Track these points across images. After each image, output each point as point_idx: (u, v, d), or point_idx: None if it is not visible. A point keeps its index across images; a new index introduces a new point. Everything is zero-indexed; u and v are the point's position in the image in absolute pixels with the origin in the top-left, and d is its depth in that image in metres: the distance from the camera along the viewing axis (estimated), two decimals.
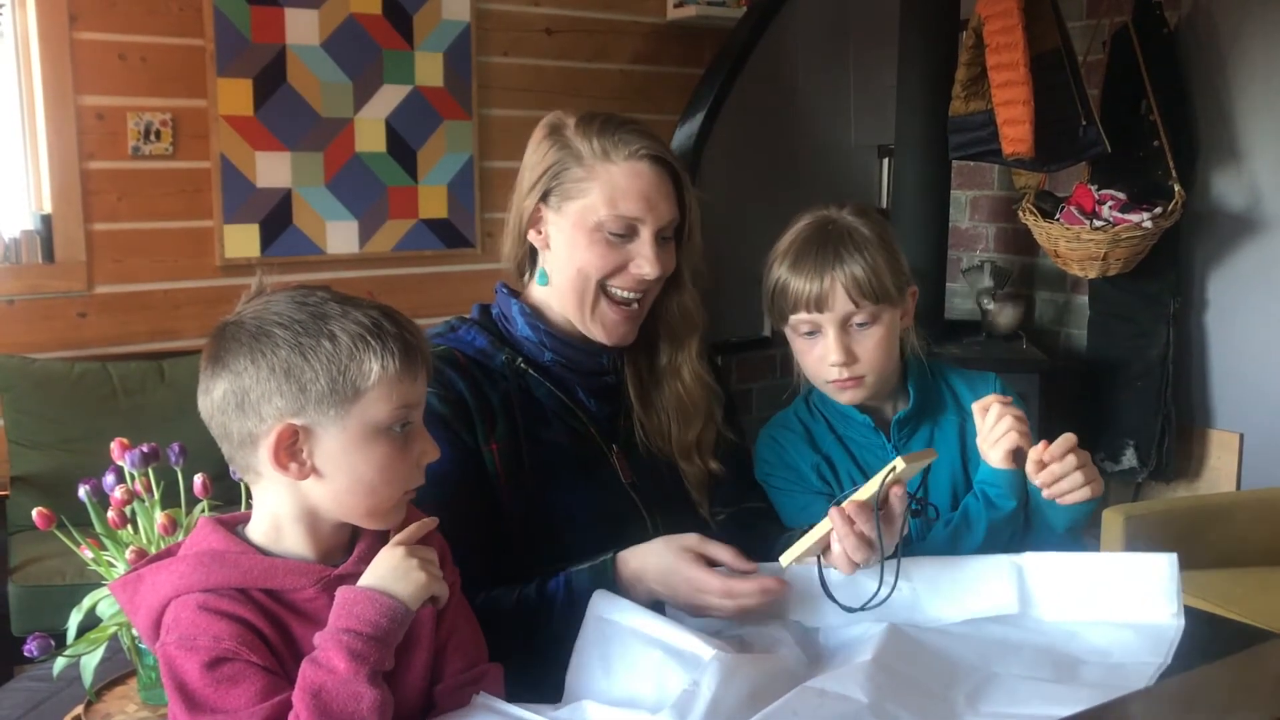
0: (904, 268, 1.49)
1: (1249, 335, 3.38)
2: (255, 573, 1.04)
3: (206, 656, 0.99)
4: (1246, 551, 2.73)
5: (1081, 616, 1.22)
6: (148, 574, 1.06)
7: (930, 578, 1.26)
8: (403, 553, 1.06)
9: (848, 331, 1.46)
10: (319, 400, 1.02)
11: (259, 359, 1.02)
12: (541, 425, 1.41)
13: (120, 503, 1.40)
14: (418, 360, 1.07)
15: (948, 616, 1.24)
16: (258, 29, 3.52)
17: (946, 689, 1.10)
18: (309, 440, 1.03)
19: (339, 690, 0.98)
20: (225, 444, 1.07)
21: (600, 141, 1.39)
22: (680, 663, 1.10)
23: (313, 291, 1.07)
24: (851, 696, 1.04)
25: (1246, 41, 3.29)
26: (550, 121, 1.44)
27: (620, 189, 1.38)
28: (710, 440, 1.51)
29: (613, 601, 1.20)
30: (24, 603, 2.73)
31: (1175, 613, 1.18)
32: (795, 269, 1.46)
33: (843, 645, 1.21)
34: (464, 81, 3.91)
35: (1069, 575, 1.24)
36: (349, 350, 1.03)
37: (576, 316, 1.44)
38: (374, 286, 3.70)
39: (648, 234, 1.39)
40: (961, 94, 3.23)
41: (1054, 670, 1.14)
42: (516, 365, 1.42)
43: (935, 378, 1.56)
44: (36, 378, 3.12)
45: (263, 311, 1.05)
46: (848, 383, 1.47)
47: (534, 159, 1.43)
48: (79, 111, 3.30)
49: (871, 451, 1.51)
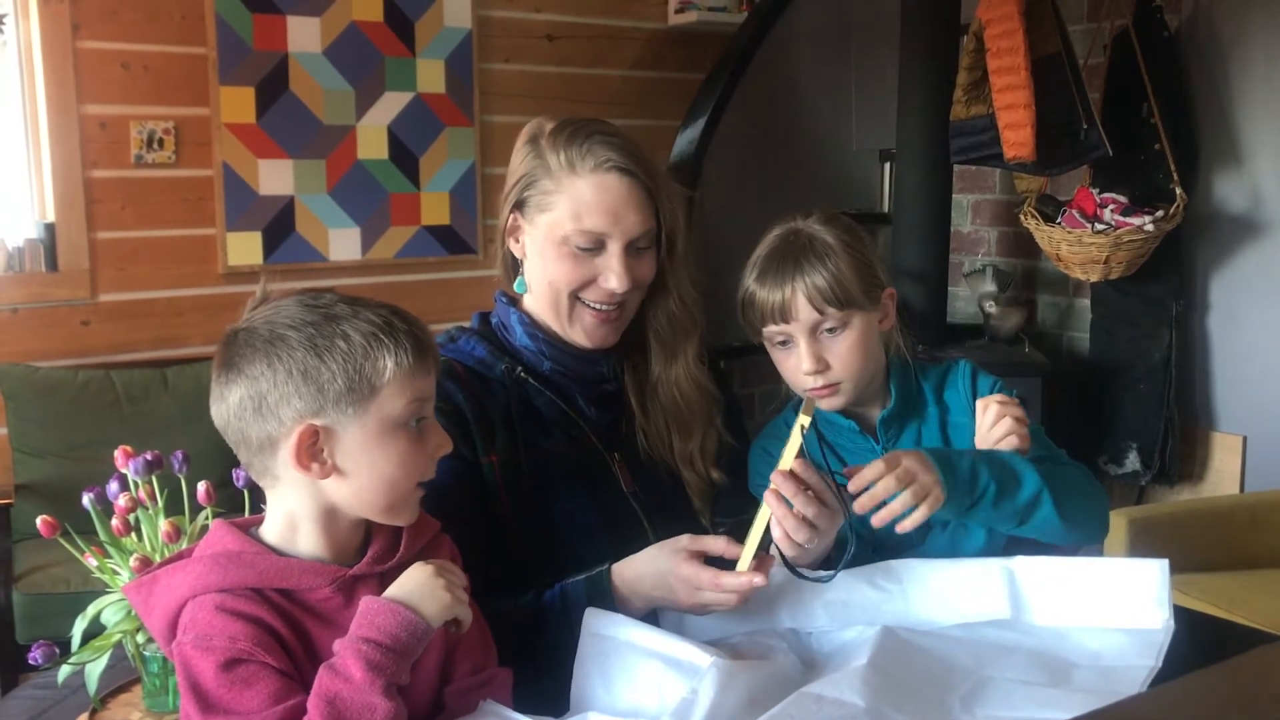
0: (876, 271, 1.48)
1: (1251, 337, 3.38)
2: (271, 573, 1.05)
3: (222, 657, 1.00)
4: (1250, 554, 2.73)
5: (1072, 621, 1.22)
6: (163, 575, 1.07)
7: (921, 579, 1.27)
8: (432, 571, 1.07)
9: (818, 339, 1.45)
10: (337, 399, 1.04)
11: (275, 363, 1.04)
12: (541, 434, 1.41)
13: (124, 510, 1.40)
14: (428, 354, 1.10)
15: (939, 619, 1.24)
16: (260, 37, 3.53)
17: (942, 693, 1.10)
18: (329, 439, 1.05)
19: (353, 699, 0.98)
20: (243, 449, 1.08)
21: (567, 153, 1.38)
22: (679, 671, 1.11)
23: (320, 294, 1.09)
24: (848, 701, 1.05)
25: (1247, 44, 3.29)
26: (531, 129, 1.45)
27: (586, 203, 1.37)
28: (711, 448, 1.50)
29: (605, 618, 1.20)
30: (28, 610, 2.74)
31: (1166, 619, 1.18)
32: (760, 281, 1.46)
33: (837, 649, 1.22)
34: (466, 88, 3.91)
35: (1060, 580, 1.24)
36: (363, 348, 1.05)
37: (555, 325, 1.45)
38: (377, 293, 3.67)
39: (615, 247, 1.39)
40: (963, 98, 3.23)
41: (1047, 674, 1.14)
42: (516, 375, 1.42)
43: (916, 376, 1.56)
44: (40, 386, 3.13)
45: (273, 316, 1.06)
46: (823, 390, 1.47)
47: (513, 166, 1.45)
48: (82, 120, 3.31)
49: (861, 456, 1.51)
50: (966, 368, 1.55)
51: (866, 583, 1.27)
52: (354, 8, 3.68)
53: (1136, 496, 3.57)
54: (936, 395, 1.54)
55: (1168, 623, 1.18)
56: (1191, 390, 3.49)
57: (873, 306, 1.48)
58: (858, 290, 1.45)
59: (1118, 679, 1.11)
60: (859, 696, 1.05)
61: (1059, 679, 1.13)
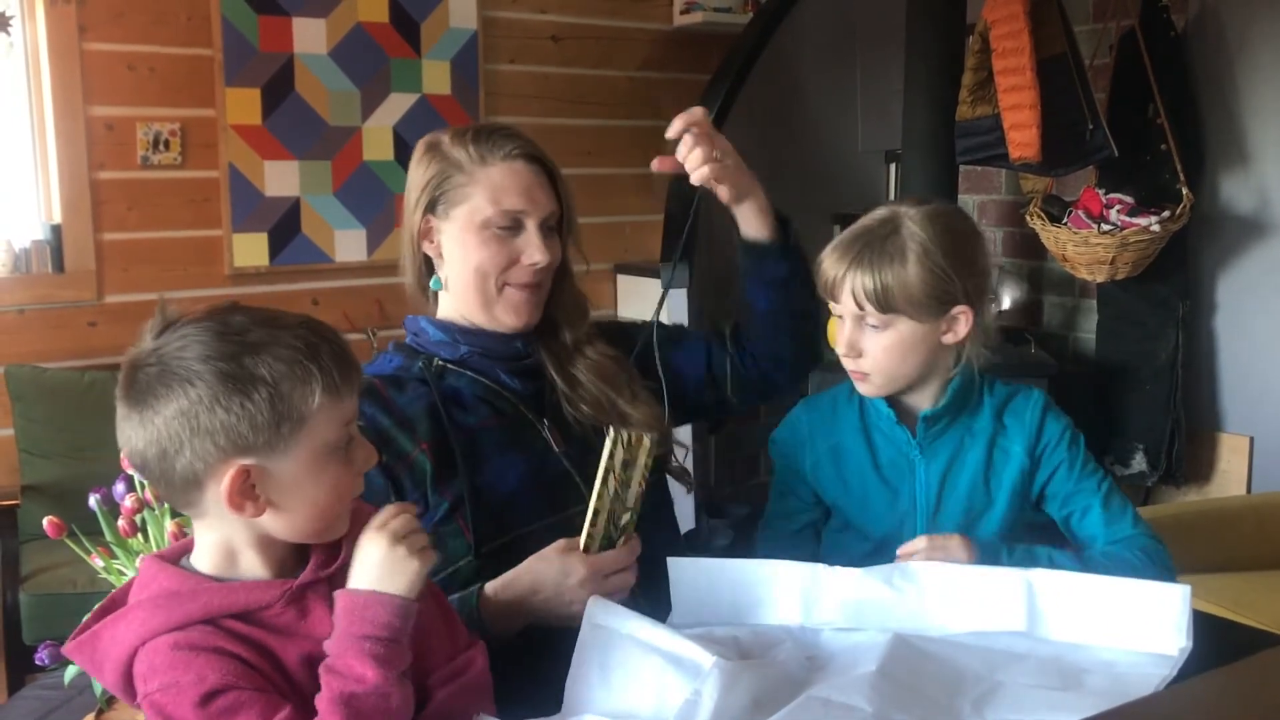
0: (952, 286, 1.43)
1: (1258, 338, 3.37)
2: (217, 602, 1.01)
3: (196, 694, 0.96)
4: (1257, 555, 2.72)
5: (1088, 640, 1.20)
6: (102, 629, 1.02)
7: (939, 584, 1.26)
8: (388, 542, 1.03)
9: (860, 327, 1.46)
10: (266, 434, 0.99)
11: (195, 403, 0.98)
12: (466, 413, 1.48)
13: (131, 511, 1.40)
14: (352, 371, 1.05)
15: (952, 626, 1.23)
16: (265, 38, 3.53)
17: (952, 697, 1.09)
18: (260, 477, 1.01)
19: (369, 695, 0.98)
20: (162, 485, 1.04)
21: (476, 148, 1.49)
22: (680, 671, 1.10)
23: (229, 317, 1.03)
24: (856, 706, 1.04)
25: (1254, 44, 3.28)
26: (427, 140, 1.55)
27: (501, 186, 1.48)
28: (641, 391, 1.56)
29: (608, 608, 1.20)
30: (35, 611, 2.74)
31: (1183, 646, 1.16)
32: (830, 252, 1.48)
33: (846, 650, 1.21)
34: (471, 89, 3.91)
35: (1079, 597, 1.22)
36: (288, 378, 1.00)
37: (481, 313, 1.52)
38: (382, 294, 3.71)
39: (532, 224, 1.50)
40: (968, 99, 3.22)
41: (1060, 679, 1.13)
42: (434, 367, 1.49)
43: (980, 386, 1.52)
44: (47, 387, 3.14)
45: (183, 350, 1.00)
46: (855, 374, 1.48)
47: (416, 176, 1.54)
48: (88, 122, 3.31)
49: (895, 446, 1.51)
50: (1040, 400, 1.52)
51: (883, 582, 1.26)
52: (359, 9, 3.68)
53: (1143, 497, 3.57)
54: (996, 413, 1.51)
55: (1184, 650, 1.15)
56: (1198, 391, 3.48)
57: (928, 318, 1.44)
58: (913, 301, 1.42)
59: (1130, 685, 1.10)
60: (866, 701, 1.04)
61: (1071, 683, 1.12)
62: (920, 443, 1.50)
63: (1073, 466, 1.49)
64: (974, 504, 1.49)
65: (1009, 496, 1.49)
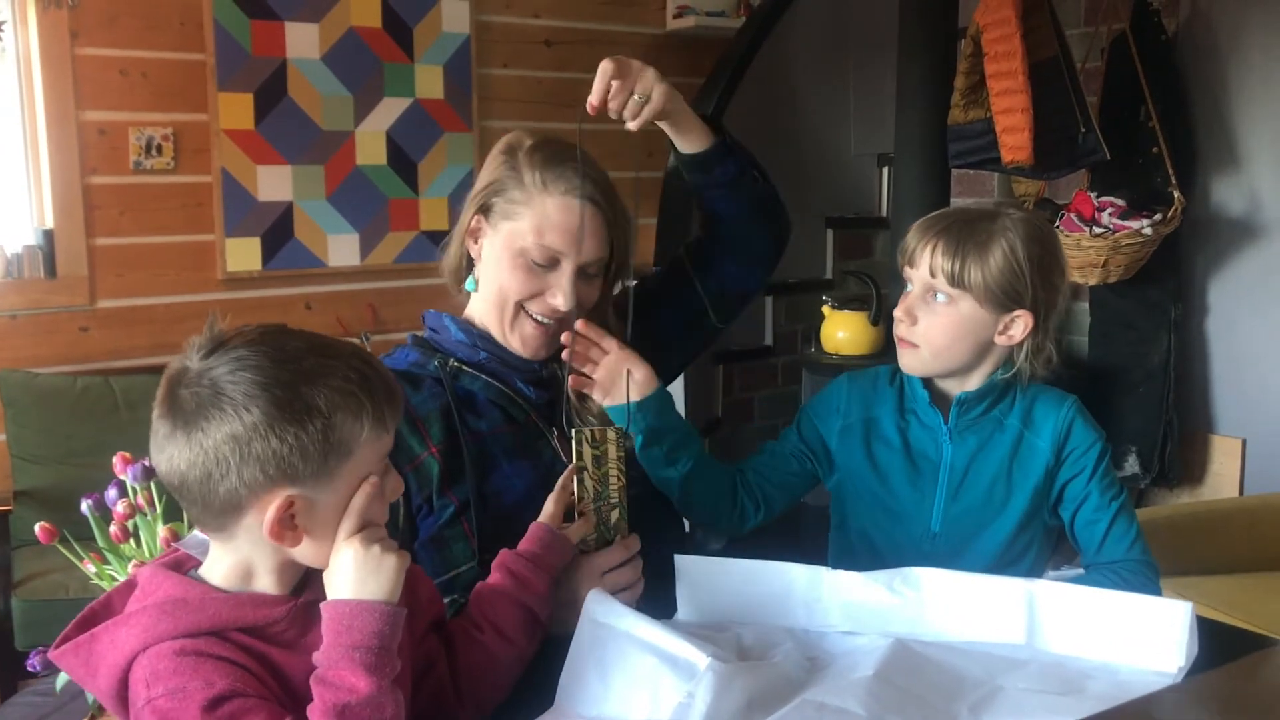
0: (1022, 290, 1.45)
1: (1250, 340, 3.38)
2: (226, 613, 1.00)
3: (203, 699, 0.95)
4: (1250, 557, 2.72)
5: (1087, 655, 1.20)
6: (101, 633, 1.01)
7: (940, 591, 1.25)
8: (359, 546, 1.02)
9: (925, 300, 1.48)
10: (315, 465, 0.98)
11: (249, 427, 0.96)
12: (477, 418, 1.47)
13: (123, 517, 1.40)
14: (397, 403, 1.05)
15: (952, 634, 1.23)
16: (258, 43, 3.53)
17: (950, 702, 1.09)
18: (302, 507, 1.00)
19: (363, 705, 0.97)
20: (196, 508, 1.02)
21: (543, 173, 1.47)
22: (675, 671, 1.10)
23: (283, 342, 1.01)
24: (851, 710, 1.04)
25: (1245, 47, 3.29)
26: (510, 140, 1.53)
27: (550, 221, 1.45)
28: None
29: (607, 605, 1.20)
30: (27, 617, 2.73)
31: (1182, 665, 1.15)
32: (923, 222, 1.51)
33: (845, 653, 1.21)
34: (464, 94, 3.92)
35: (1081, 611, 1.22)
36: (341, 410, 0.99)
37: (496, 329, 1.52)
38: (375, 299, 3.71)
39: (568, 267, 1.47)
40: (960, 102, 3.23)
41: (1060, 684, 1.13)
42: (450, 367, 1.49)
43: (1018, 387, 1.54)
44: (39, 392, 3.13)
45: (238, 369, 0.98)
46: (904, 343, 1.50)
47: (486, 172, 1.53)
48: (81, 127, 3.31)
49: (927, 428, 1.52)
50: (1073, 407, 1.54)
51: (885, 586, 1.26)
52: (352, 13, 3.68)
53: (1136, 500, 3.57)
54: (1026, 411, 1.53)
55: (1183, 669, 1.15)
56: (1191, 393, 3.49)
57: (991, 309, 1.46)
58: (985, 287, 1.45)
59: (1131, 689, 1.09)
60: (861, 706, 1.04)
61: (1072, 688, 1.12)
62: (951, 427, 1.51)
63: (1094, 475, 1.51)
64: (995, 494, 1.51)
65: (1030, 492, 1.51)
